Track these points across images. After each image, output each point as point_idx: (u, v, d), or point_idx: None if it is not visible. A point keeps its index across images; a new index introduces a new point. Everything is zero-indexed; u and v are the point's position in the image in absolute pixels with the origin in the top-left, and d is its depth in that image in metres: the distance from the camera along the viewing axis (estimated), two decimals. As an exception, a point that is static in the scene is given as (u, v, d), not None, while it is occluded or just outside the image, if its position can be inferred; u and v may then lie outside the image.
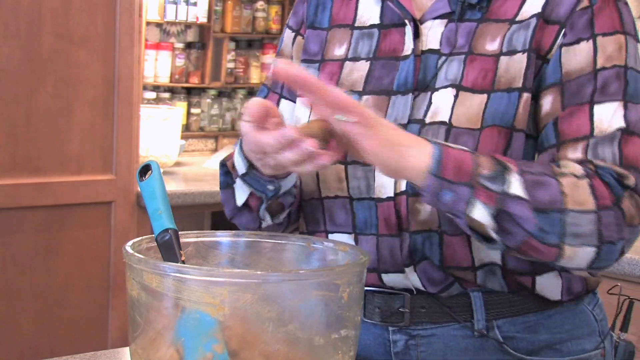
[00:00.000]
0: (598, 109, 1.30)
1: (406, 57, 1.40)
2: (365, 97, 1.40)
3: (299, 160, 1.19)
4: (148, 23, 4.24)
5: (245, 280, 1.14)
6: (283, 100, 1.52)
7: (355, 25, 1.47)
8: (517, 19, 1.36)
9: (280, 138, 1.19)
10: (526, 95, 1.33)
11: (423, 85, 1.37)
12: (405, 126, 1.35)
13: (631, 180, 1.26)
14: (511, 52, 1.34)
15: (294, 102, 1.51)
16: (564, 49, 1.33)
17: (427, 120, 1.35)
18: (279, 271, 1.26)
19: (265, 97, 1.54)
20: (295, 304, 1.14)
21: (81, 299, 3.30)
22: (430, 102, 1.36)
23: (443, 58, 1.37)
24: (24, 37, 3.09)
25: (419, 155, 1.21)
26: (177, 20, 4.32)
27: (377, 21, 1.45)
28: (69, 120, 3.19)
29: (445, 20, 1.39)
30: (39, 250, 3.20)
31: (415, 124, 1.35)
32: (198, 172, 3.85)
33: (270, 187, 1.36)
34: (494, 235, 1.22)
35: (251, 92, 4.64)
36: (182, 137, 4.09)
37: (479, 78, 1.34)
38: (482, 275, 1.36)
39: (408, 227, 1.36)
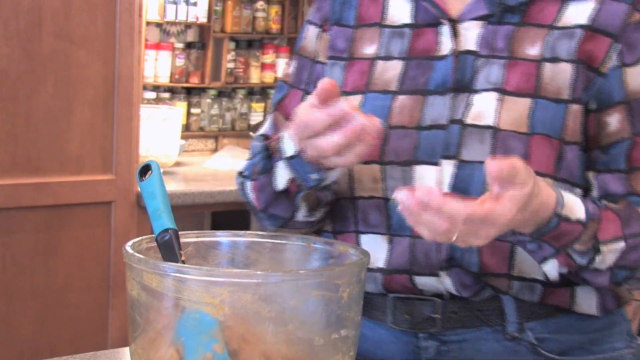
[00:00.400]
0: None
1: (443, 57, 1.38)
2: (400, 98, 1.38)
3: (346, 143, 1.19)
4: (148, 23, 4.25)
5: (245, 280, 1.14)
6: (308, 97, 1.51)
7: (385, 23, 1.45)
8: (557, 24, 1.35)
9: (332, 111, 1.18)
10: (575, 107, 1.33)
11: (461, 85, 1.36)
12: (444, 127, 1.34)
13: None
14: (555, 60, 1.33)
15: None
16: (627, 69, 1.33)
17: (468, 121, 1.33)
18: (279, 271, 1.26)
19: (285, 95, 1.52)
20: (295, 304, 1.14)
21: (81, 299, 3.30)
22: (468, 104, 1.34)
23: (481, 59, 1.36)
24: (24, 37, 3.09)
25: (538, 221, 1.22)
26: (177, 20, 4.32)
27: (408, 20, 1.43)
28: (69, 120, 3.19)
29: (481, 22, 1.38)
30: (39, 250, 3.20)
31: (456, 125, 1.34)
32: (198, 172, 3.85)
33: (314, 176, 1.32)
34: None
35: (251, 92, 4.64)
36: (182, 137, 4.09)
37: (521, 82, 1.33)
38: (518, 286, 1.35)
39: None
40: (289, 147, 1.32)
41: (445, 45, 1.38)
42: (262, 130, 1.53)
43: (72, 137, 3.20)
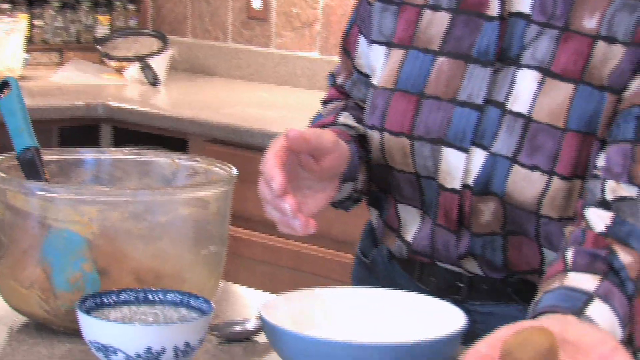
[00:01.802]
0: None
1: (492, 18, 1.21)
2: (440, 60, 1.23)
3: (277, 220, 1.12)
4: None
5: (114, 199, 1.13)
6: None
7: None
8: None
9: (261, 191, 1.12)
10: (615, 98, 1.16)
11: (506, 56, 1.20)
12: (480, 107, 1.20)
13: None
14: (610, 39, 1.16)
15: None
16: None
17: (509, 106, 1.19)
18: (147, 189, 1.26)
19: (350, 29, 1.35)
20: (164, 221, 1.15)
21: None
22: (512, 82, 1.19)
23: (533, 29, 1.19)
24: None
25: None
26: None
27: None
28: None
29: None
30: None
31: (496, 109, 1.19)
32: (44, 86, 3.74)
33: None
34: None
35: (96, 4, 4.52)
36: (26, 51, 3.96)
37: (569, 63, 1.17)
38: None
39: (469, 226, 1.22)
40: None
41: (495, 2, 1.21)
42: (336, 68, 1.41)
43: None
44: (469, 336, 1.19)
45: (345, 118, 1.32)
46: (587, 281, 1.00)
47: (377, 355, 1.00)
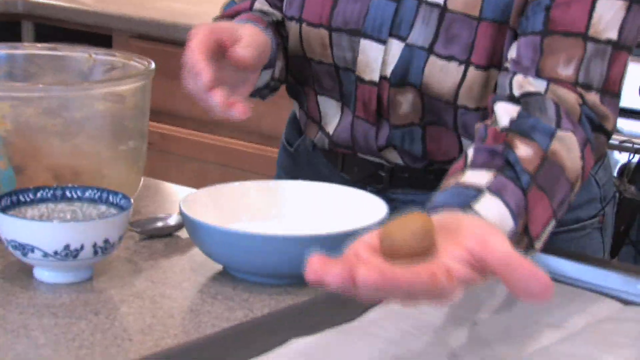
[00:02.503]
0: (600, 3, 1.09)
1: None
2: None
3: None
4: None
5: (27, 94, 1.11)
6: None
7: None
8: None
9: (188, 85, 1.08)
10: None
11: None
12: None
13: (609, 125, 1.10)
14: None
15: None
16: None
17: None
18: (61, 84, 1.23)
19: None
20: (80, 116, 1.12)
21: None
22: None
23: None
24: None
25: None
26: None
27: None
28: None
29: None
30: None
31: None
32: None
33: None
34: None
35: None
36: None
37: None
38: None
39: (388, 117, 1.22)
40: None
41: None
42: None
43: None
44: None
45: (261, 4, 1.29)
46: (481, 177, 0.98)
47: (297, 246, 1.00)
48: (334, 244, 1.02)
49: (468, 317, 0.93)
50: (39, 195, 1.08)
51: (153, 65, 1.20)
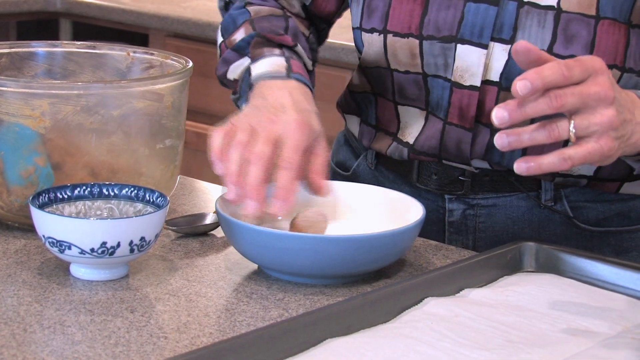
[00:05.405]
0: None
1: None
2: None
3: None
4: None
5: (66, 92, 1.11)
6: None
7: None
8: None
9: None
10: None
11: None
12: (496, 1, 1.16)
13: None
14: None
15: None
16: None
17: None
18: (99, 81, 1.23)
19: None
20: (118, 114, 1.13)
21: None
22: None
23: None
24: None
25: None
26: None
27: None
28: None
29: None
30: None
31: (512, 1, 1.16)
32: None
33: None
34: None
35: None
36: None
37: None
38: (561, 179, 1.23)
39: (490, 122, 1.14)
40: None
41: None
42: None
43: None
44: (473, 231, 1.25)
45: (302, 49, 1.26)
46: None
47: (334, 247, 1.00)
48: (370, 244, 1.02)
49: (503, 321, 0.92)
50: (76, 192, 1.08)
51: (191, 63, 1.20)
